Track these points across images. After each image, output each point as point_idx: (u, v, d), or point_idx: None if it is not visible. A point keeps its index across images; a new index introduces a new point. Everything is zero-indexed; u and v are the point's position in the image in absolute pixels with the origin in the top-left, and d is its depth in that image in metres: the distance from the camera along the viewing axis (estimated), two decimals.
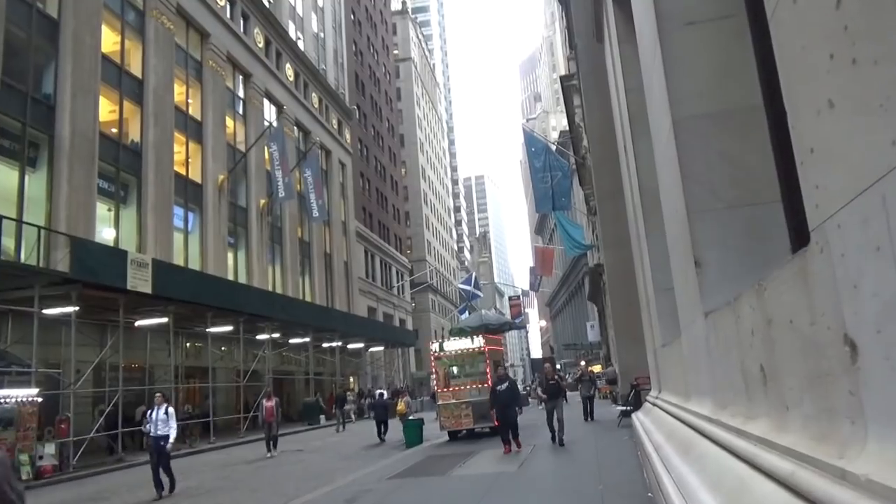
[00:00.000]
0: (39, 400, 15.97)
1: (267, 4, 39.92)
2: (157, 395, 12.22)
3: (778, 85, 2.37)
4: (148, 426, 11.73)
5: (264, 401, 19.01)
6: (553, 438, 13.54)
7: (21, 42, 21.06)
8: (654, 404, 9.72)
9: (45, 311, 17.31)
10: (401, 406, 20.65)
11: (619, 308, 20.58)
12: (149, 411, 12.08)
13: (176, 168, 28.48)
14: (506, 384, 13.52)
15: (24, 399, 15.21)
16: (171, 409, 11.79)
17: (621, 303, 20.00)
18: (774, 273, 2.40)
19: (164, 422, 11.46)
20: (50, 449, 15.99)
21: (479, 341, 17.57)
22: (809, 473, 1.99)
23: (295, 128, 42.91)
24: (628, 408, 16.44)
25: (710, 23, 4.35)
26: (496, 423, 14.23)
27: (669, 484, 4.44)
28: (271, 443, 18.26)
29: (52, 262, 18.96)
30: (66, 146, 21.63)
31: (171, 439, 11.50)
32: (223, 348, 28.41)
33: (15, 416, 14.81)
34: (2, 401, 14.77)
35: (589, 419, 19.74)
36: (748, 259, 3.88)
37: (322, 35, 52.05)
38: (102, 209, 24.07)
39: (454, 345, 17.89)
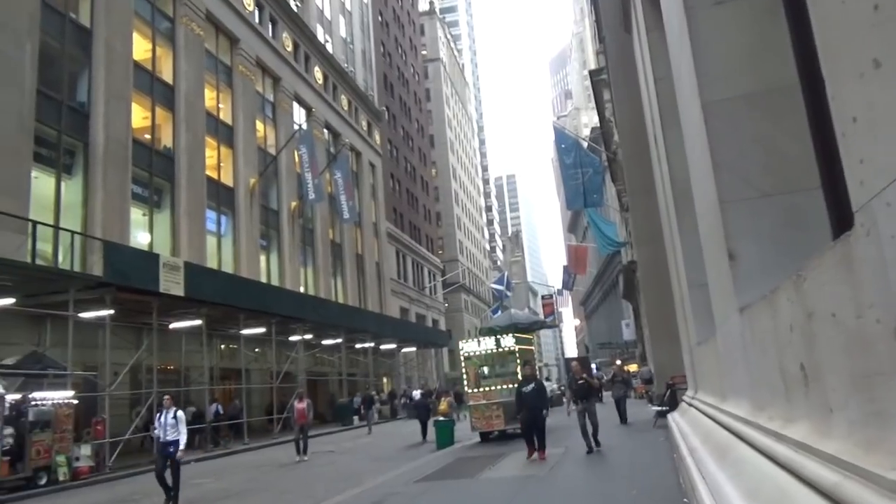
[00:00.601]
0: (76, 402, 16.26)
1: (295, 8, 40.23)
2: (166, 397, 11.44)
3: (814, 60, 2.14)
4: (156, 431, 11.09)
5: (295, 402, 18.32)
6: (589, 449, 12.26)
7: (55, 52, 21.51)
8: (690, 405, 9.40)
9: (80, 315, 17.62)
10: (443, 406, 20.26)
11: (654, 306, 20.15)
12: (157, 415, 11.32)
13: (208, 172, 28.85)
14: (532, 385, 12.50)
15: (61, 401, 15.48)
16: (180, 414, 10.92)
17: (655, 300, 19.57)
18: (814, 262, 2.16)
19: (172, 426, 10.63)
20: (86, 450, 16.25)
21: (509, 341, 17.34)
22: (857, 486, 1.76)
23: (325, 130, 43.18)
24: (664, 408, 16.04)
25: (740, 0, 4.09)
26: (521, 427, 13.09)
27: (704, 491, 4.19)
28: (301, 446, 17.35)
29: (87, 266, 19.32)
30: (100, 153, 22.04)
31: (182, 445, 10.65)
32: (256, 350, 28.66)
33: (52, 418, 15.08)
34: (39, 403, 15.05)
35: (622, 422, 18.64)
36: (785, 250, 3.62)
37: (350, 37, 52.32)
38: (137, 214, 24.49)
39: (483, 344, 17.68)
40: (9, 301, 16.26)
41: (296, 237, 36.41)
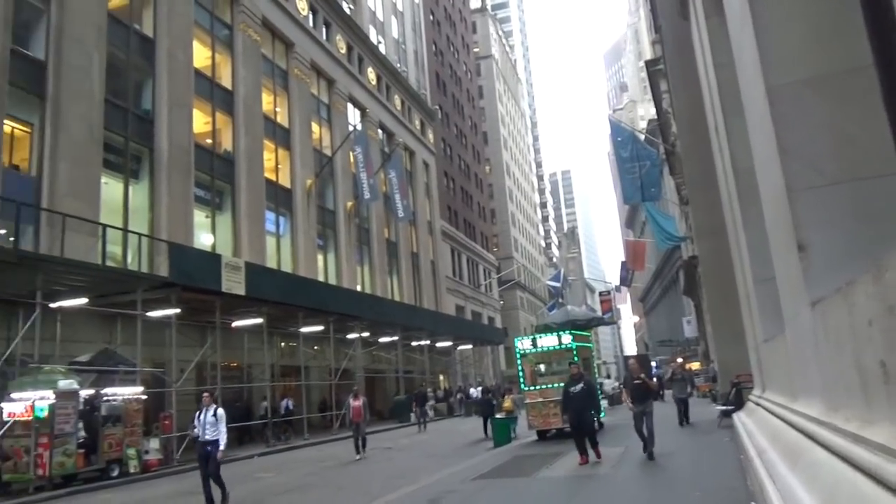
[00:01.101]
0: (145, 397, 16.90)
1: (348, 11, 40.75)
2: (205, 394, 10.92)
3: (891, 37, 1.98)
4: (195, 430, 10.52)
5: (351, 400, 17.73)
6: (644, 448, 11.43)
7: (121, 62, 22.41)
8: (756, 404, 9.05)
9: (148, 314, 18.31)
10: (507, 404, 20.15)
11: (717, 301, 19.52)
12: (197, 413, 10.64)
13: (266, 174, 29.54)
14: (580, 385, 11.61)
15: (131, 397, 16.13)
16: (220, 412, 10.23)
17: (718, 296, 18.95)
18: None
19: (212, 425, 10.00)
20: (155, 444, 16.90)
21: (566, 338, 17.09)
22: None
23: (379, 130, 43.60)
24: (729, 407, 15.54)
25: None
26: (571, 430, 12.12)
27: (774, 495, 3.99)
28: (360, 444, 17.01)
29: (154, 267, 20.06)
30: (164, 158, 22.85)
31: (222, 446, 10.04)
32: (315, 347, 29.18)
33: (123, 412, 15.72)
34: (111, 398, 15.71)
35: (684, 423, 17.85)
36: (857, 240, 3.40)
37: (402, 37, 52.66)
38: (200, 216, 25.28)
39: (540, 342, 17.48)
40: (82, 301, 17.03)
41: (352, 236, 36.91)
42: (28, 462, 13.86)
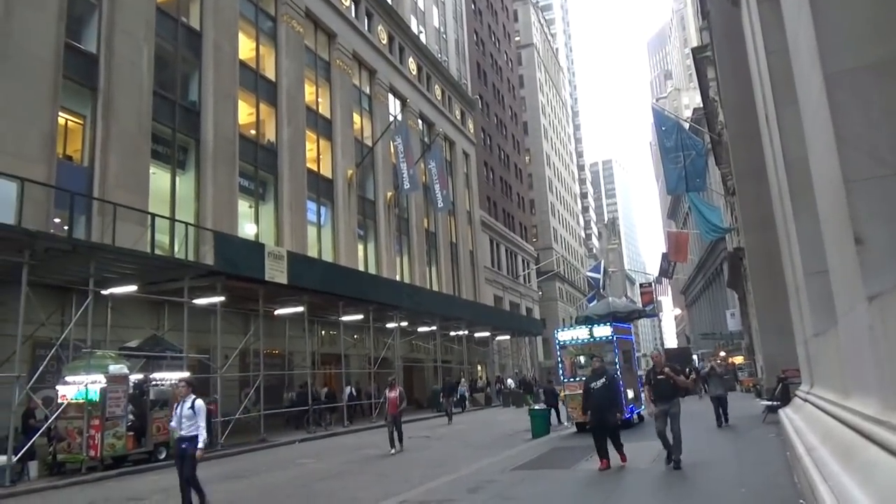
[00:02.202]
0: None
1: (389, 1, 40.79)
2: (181, 383, 9.59)
3: None
4: (171, 423, 9.35)
5: (387, 391, 16.71)
6: (669, 457, 10.01)
7: (169, 55, 22.90)
8: (805, 400, 8.83)
9: (194, 301, 18.76)
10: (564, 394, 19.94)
11: (763, 295, 19.07)
12: (175, 405, 9.44)
13: (308, 165, 29.88)
14: (602, 380, 10.50)
15: (178, 382, 16.54)
16: (199, 403, 8.76)
17: (765, 289, 18.52)
18: None
19: (189, 419, 8.61)
20: None
21: (606, 329, 16.91)
22: None
23: (419, 120, 43.65)
24: (775, 403, 15.20)
25: None
26: (591, 430, 10.92)
27: (827, 494, 3.88)
28: (395, 437, 15.88)
29: (200, 255, 20.53)
30: (210, 149, 23.31)
31: (201, 443, 8.58)
32: (355, 336, 29.51)
33: (170, 397, 16.15)
34: (159, 383, 16.18)
35: (723, 423, 16.25)
36: None
37: (443, 27, 52.51)
38: (244, 206, 25.73)
39: (580, 333, 17.34)
40: (131, 288, 17.55)
41: (392, 226, 37.12)
42: (81, 443, 14.39)
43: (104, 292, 17.01)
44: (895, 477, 2.72)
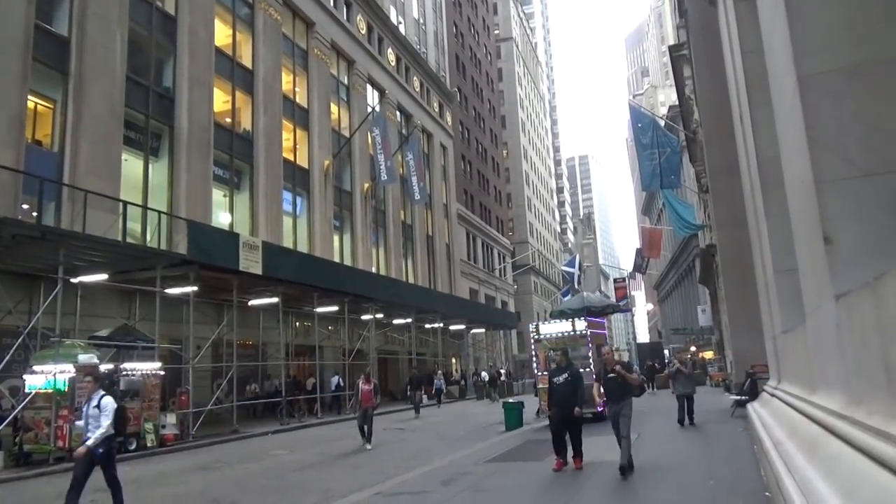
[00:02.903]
0: (162, 373, 17.15)
1: None
2: (87, 377, 8.08)
3: None
4: (78, 423, 8.43)
5: (360, 383, 15.97)
6: (622, 471, 8.69)
7: (143, 39, 22.48)
8: (772, 395, 9.03)
9: (166, 291, 18.51)
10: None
11: (734, 291, 19.41)
12: (83, 403, 8.49)
13: (285, 154, 29.60)
14: (565, 375, 9.73)
15: (149, 372, 16.37)
16: (106, 401, 7.59)
17: (736, 286, 18.85)
18: None
19: (95, 419, 7.51)
20: (172, 419, 17.18)
21: (580, 324, 17.07)
22: None
23: (397, 112, 43.48)
24: (743, 397, 15.51)
25: None
26: (550, 428, 10.20)
27: (792, 487, 3.98)
28: (366, 432, 15.07)
29: (173, 244, 20.25)
30: (184, 136, 22.96)
31: (91, 441, 7.37)
32: (330, 328, 29.40)
33: (141, 387, 15.97)
34: (129, 373, 15.97)
35: (686, 422, 15.08)
36: (888, 234, 3.36)
37: (422, 18, 52.28)
38: (218, 195, 25.42)
39: (554, 327, 17.48)
40: (102, 277, 17.26)
41: (368, 218, 36.98)
42: (48, 434, 14.15)
43: (74, 280, 16.69)
44: (857, 470, 2.80)
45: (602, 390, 9.75)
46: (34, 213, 17.15)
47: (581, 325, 17.07)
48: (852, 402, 3.34)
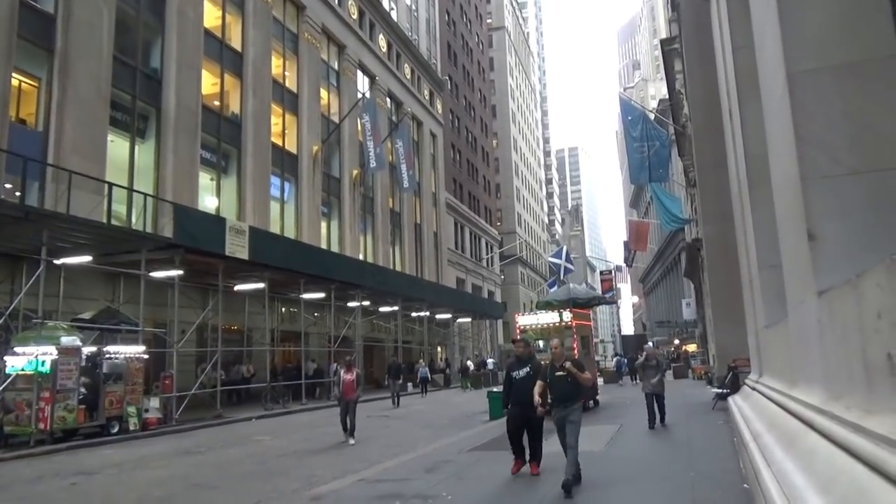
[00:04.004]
0: (146, 357, 17.06)
1: None
2: None
3: None
4: None
5: (343, 372, 14.08)
6: (566, 490, 7.18)
7: (130, 19, 22.16)
8: (753, 388, 9.13)
9: (151, 274, 18.37)
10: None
11: (718, 285, 19.57)
12: None
13: (273, 139, 29.39)
14: (526, 368, 8.57)
15: (133, 355, 16.27)
16: None
17: (720, 280, 19.00)
18: None
19: None
20: (155, 403, 17.10)
21: (566, 315, 17.17)
22: None
23: (387, 99, 43.25)
24: (724, 391, 15.68)
25: None
26: (507, 425, 8.89)
27: (770, 479, 4.04)
28: (349, 426, 13.71)
29: (159, 227, 20.09)
30: (171, 118, 22.72)
31: None
32: (316, 314, 29.34)
33: (124, 370, 15.87)
34: (113, 356, 15.86)
35: (656, 423, 13.22)
36: (871, 232, 3.40)
37: (415, 5, 51.93)
38: (205, 178, 25.22)
39: (540, 318, 17.57)
40: (86, 258, 17.10)
41: (356, 205, 36.86)
42: (30, 415, 14.04)
43: (57, 262, 16.53)
44: (834, 463, 2.85)
45: (542, 390, 8.10)
46: (17, 193, 16.93)
47: (567, 316, 17.16)
48: (831, 396, 3.39)
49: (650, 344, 19.59)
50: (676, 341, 60.86)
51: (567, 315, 17.15)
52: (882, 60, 3.47)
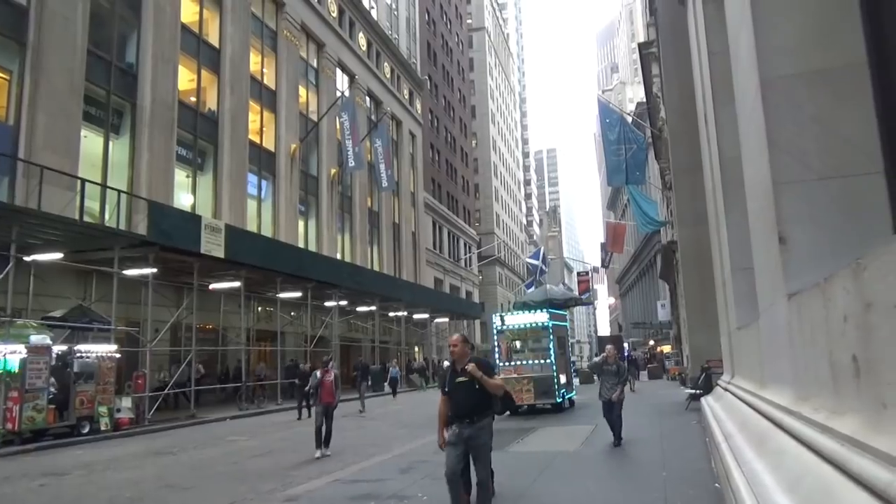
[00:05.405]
0: (118, 356, 16.79)
1: None
2: None
3: (886, 38, 2.00)
4: None
5: (319, 373, 11.98)
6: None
7: (106, 12, 21.81)
8: (726, 389, 9.25)
9: (124, 272, 18.10)
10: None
11: (692, 287, 19.80)
12: None
13: (251, 136, 29.13)
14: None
15: (104, 354, 16.01)
16: None
17: (695, 282, 19.22)
18: (879, 249, 2.05)
19: None
20: (127, 403, 16.84)
21: (542, 316, 17.25)
22: None
23: (366, 97, 43.11)
24: (698, 391, 15.87)
25: None
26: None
27: (740, 479, 4.10)
28: (324, 435, 11.68)
29: (132, 225, 19.79)
30: (147, 114, 22.40)
31: None
32: (292, 314, 29.14)
33: (95, 370, 15.61)
34: (84, 355, 15.58)
35: (615, 442, 10.76)
36: (840, 237, 3.47)
37: (395, 3, 51.83)
38: (181, 175, 24.90)
39: (517, 319, 17.64)
40: (57, 255, 16.79)
41: (334, 204, 36.68)
42: None
43: (27, 258, 16.21)
44: (802, 462, 2.90)
45: (445, 405, 6.16)
46: None
47: (543, 317, 17.24)
48: (800, 397, 3.45)
49: (626, 345, 19.51)
50: (651, 342, 61.50)
51: (544, 316, 17.23)
52: (852, 67, 3.54)
